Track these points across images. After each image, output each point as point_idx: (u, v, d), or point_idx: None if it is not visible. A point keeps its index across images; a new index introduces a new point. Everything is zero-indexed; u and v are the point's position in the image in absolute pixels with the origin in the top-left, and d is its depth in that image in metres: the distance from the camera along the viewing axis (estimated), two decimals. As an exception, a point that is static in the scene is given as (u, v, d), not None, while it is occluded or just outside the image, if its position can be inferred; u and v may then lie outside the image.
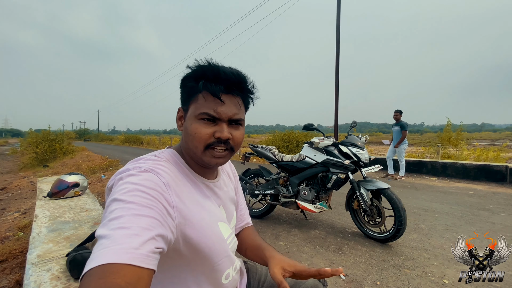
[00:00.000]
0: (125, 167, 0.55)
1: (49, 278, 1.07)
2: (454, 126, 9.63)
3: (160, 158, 0.59)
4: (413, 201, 3.87)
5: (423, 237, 2.54)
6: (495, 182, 5.14)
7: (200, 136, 0.58)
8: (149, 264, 0.41)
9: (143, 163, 0.56)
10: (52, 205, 2.17)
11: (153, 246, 0.43)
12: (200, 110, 0.58)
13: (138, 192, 0.47)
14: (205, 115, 0.58)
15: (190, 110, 0.60)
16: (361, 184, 2.50)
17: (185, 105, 0.63)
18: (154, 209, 0.47)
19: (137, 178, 0.50)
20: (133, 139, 28.02)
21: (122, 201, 0.46)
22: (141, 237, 0.42)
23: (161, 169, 0.55)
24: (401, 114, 5.82)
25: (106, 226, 0.43)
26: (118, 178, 0.52)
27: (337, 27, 7.82)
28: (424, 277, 1.86)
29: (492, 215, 3.20)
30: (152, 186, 0.50)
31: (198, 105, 0.59)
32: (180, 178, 0.59)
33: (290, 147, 9.56)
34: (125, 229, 0.41)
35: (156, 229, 0.45)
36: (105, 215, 0.45)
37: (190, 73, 0.60)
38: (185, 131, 0.61)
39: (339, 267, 0.57)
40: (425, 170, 6.26)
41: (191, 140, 0.59)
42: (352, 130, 3.00)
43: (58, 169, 8.77)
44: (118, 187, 0.49)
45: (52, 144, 12.19)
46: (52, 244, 1.41)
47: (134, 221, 0.43)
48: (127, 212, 0.44)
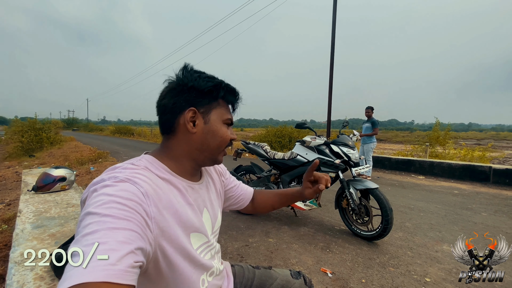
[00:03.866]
0: (100, 178, 0.52)
1: (33, 278, 1.05)
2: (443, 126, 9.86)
3: (137, 166, 0.57)
4: (400, 199, 3.96)
5: (408, 236, 2.62)
6: (478, 182, 5.31)
7: (227, 138, 0.67)
8: (128, 280, 0.39)
9: (119, 172, 0.53)
10: (37, 199, 2.12)
11: (132, 260, 0.41)
12: (227, 116, 0.67)
13: (114, 204, 0.45)
14: (229, 121, 0.68)
15: (214, 114, 0.65)
16: (350, 183, 2.54)
17: (200, 107, 0.63)
18: (132, 221, 0.45)
19: (113, 189, 0.48)
20: (123, 130, 27.53)
21: (96, 214, 0.43)
22: (118, 252, 0.40)
23: (139, 178, 0.53)
24: (372, 110, 5.71)
25: (79, 243, 0.40)
26: (92, 189, 0.50)
27: (332, 24, 7.80)
28: (407, 275, 1.92)
29: (474, 214, 3.31)
30: (130, 196, 0.48)
31: (222, 111, 0.66)
32: (160, 187, 0.56)
33: (283, 143, 9.59)
34: (101, 245, 0.39)
35: (135, 242, 0.43)
36: (78, 231, 0.43)
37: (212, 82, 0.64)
38: (211, 133, 0.64)
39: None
40: (413, 169, 6.40)
41: (220, 142, 0.66)
42: (344, 128, 3.03)
43: (45, 160, 8.56)
44: (92, 200, 0.46)
45: (38, 134, 11.84)
46: (37, 242, 1.37)
47: (110, 235, 0.41)
48: (102, 226, 0.42)
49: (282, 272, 0.92)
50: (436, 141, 8.97)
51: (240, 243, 2.42)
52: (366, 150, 5.68)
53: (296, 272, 0.94)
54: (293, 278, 0.90)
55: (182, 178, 0.64)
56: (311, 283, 0.93)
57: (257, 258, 2.14)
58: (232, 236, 2.55)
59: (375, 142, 5.72)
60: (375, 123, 5.58)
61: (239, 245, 2.37)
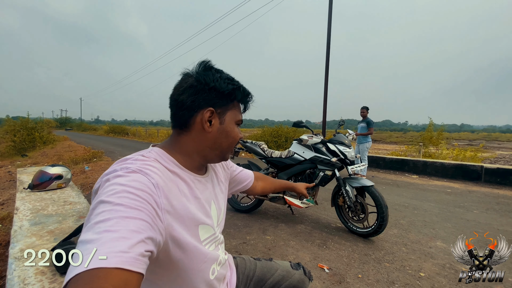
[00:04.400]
0: (112, 168, 0.53)
1: (34, 273, 1.05)
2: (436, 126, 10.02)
3: (148, 158, 0.58)
4: (394, 197, 4.03)
5: (403, 233, 2.67)
6: (471, 181, 5.42)
7: (237, 138, 0.70)
8: (138, 267, 0.39)
9: (131, 164, 0.54)
10: (33, 197, 2.10)
11: (143, 249, 0.41)
12: (239, 117, 0.70)
13: (126, 194, 0.46)
14: (240, 122, 0.71)
15: (229, 115, 0.67)
16: (346, 181, 2.58)
17: (218, 107, 0.65)
18: (143, 211, 0.46)
19: (125, 179, 0.49)
20: (118, 130, 27.21)
21: (109, 203, 0.44)
22: (129, 240, 0.40)
23: (150, 170, 0.54)
24: (367, 110, 5.75)
25: (91, 230, 0.41)
26: (104, 179, 0.51)
27: (328, 25, 7.87)
28: (402, 271, 1.96)
29: (467, 212, 3.39)
30: (141, 187, 0.49)
31: (236, 112, 0.69)
32: (169, 179, 0.58)
33: (279, 142, 9.63)
34: (113, 232, 0.40)
35: (145, 232, 0.44)
36: (90, 218, 0.43)
37: (233, 85, 0.66)
38: (224, 133, 0.67)
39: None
40: (407, 168, 6.50)
41: (232, 141, 0.69)
42: (340, 128, 3.07)
43: (38, 159, 8.43)
44: (104, 189, 0.47)
45: (31, 133, 11.65)
46: (35, 238, 1.37)
47: (122, 224, 0.42)
48: (115, 215, 0.42)
49: (282, 263, 0.94)
50: (429, 141, 9.12)
51: (238, 240, 2.44)
52: (361, 150, 5.74)
53: (296, 263, 0.96)
54: (293, 269, 0.93)
55: (190, 172, 0.65)
56: (309, 274, 0.96)
57: (255, 255, 2.16)
58: (230, 234, 2.56)
59: (371, 142, 5.79)
60: (370, 123, 5.64)
61: (237, 243, 2.39)
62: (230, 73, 0.69)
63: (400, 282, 1.81)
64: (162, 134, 19.40)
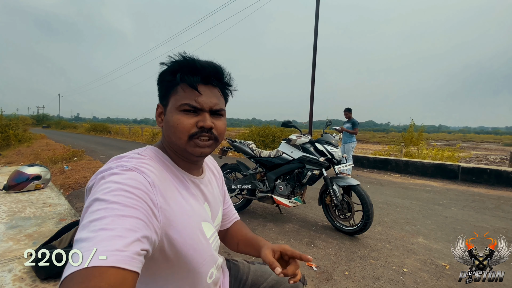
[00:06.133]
0: (107, 166, 0.52)
1: (12, 280, 0.99)
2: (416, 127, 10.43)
3: (143, 156, 0.57)
4: (378, 196, 4.15)
5: (387, 230, 2.76)
6: (448, 179, 5.69)
7: (183, 126, 0.58)
8: (134, 266, 0.39)
9: (127, 162, 0.53)
10: (9, 199, 1.98)
11: (138, 248, 0.41)
12: (181, 101, 0.58)
13: (122, 192, 0.45)
14: (186, 106, 0.58)
15: (170, 103, 0.60)
16: (333, 180, 2.63)
17: (164, 100, 0.62)
18: (139, 210, 0.45)
19: (121, 177, 0.48)
20: (99, 128, 26.26)
21: (104, 201, 0.44)
22: (125, 239, 0.40)
23: (146, 168, 0.53)
24: (350, 112, 5.85)
25: (87, 228, 0.40)
26: (99, 177, 0.50)
27: (315, 25, 7.97)
28: (386, 267, 2.02)
29: (445, 209, 3.55)
30: (137, 185, 0.48)
31: (178, 97, 0.59)
32: (165, 177, 0.57)
33: (266, 142, 9.67)
34: (108, 231, 0.40)
35: (141, 231, 0.43)
36: (85, 216, 0.43)
37: (167, 68, 0.60)
38: (167, 125, 0.60)
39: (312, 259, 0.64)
40: (389, 167, 6.72)
41: (174, 132, 0.58)
42: (327, 128, 3.12)
43: (13, 158, 7.97)
44: (100, 187, 0.47)
45: (5, 130, 10.99)
46: (12, 243, 1.29)
47: (118, 222, 0.41)
48: (110, 213, 0.42)
49: None
50: (410, 141, 9.48)
51: (226, 240, 2.42)
52: (346, 149, 5.87)
53: None
54: None
55: (184, 172, 0.64)
56: (304, 279, 0.96)
57: (244, 255, 2.15)
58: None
59: (355, 142, 5.94)
60: (355, 123, 5.79)
61: (225, 243, 2.37)
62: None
63: (385, 278, 1.87)
64: (146, 133, 18.91)
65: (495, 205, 3.80)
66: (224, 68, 0.62)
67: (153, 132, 17.18)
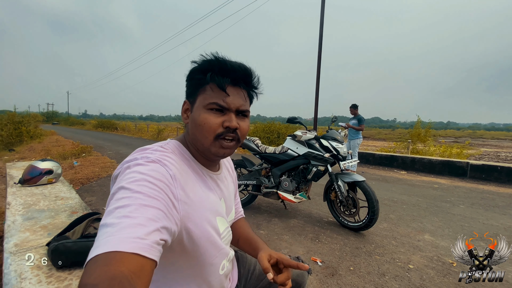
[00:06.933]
0: (132, 156, 0.55)
1: (30, 268, 1.04)
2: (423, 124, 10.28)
3: (166, 150, 0.59)
4: (384, 193, 4.13)
5: (392, 227, 2.75)
6: (456, 176, 5.61)
7: (210, 126, 0.59)
8: (153, 255, 0.41)
9: (151, 154, 0.55)
10: (24, 192, 2.05)
11: (158, 238, 0.43)
12: (209, 100, 0.59)
13: (145, 182, 0.48)
14: (214, 105, 0.59)
15: (197, 101, 0.61)
16: (339, 176, 2.63)
17: (191, 97, 0.63)
18: (161, 201, 0.47)
19: (145, 168, 0.50)
20: (106, 124, 26.66)
21: (129, 189, 0.46)
22: (146, 228, 0.42)
23: (168, 161, 0.55)
24: (356, 108, 5.78)
25: (112, 214, 0.43)
26: (125, 166, 0.53)
27: (320, 23, 7.89)
28: (392, 263, 2.03)
29: (453, 206, 3.52)
30: (159, 177, 0.50)
31: (206, 96, 0.60)
32: (185, 171, 0.59)
33: (271, 138, 9.67)
34: (131, 219, 0.42)
35: (161, 221, 0.45)
36: (111, 202, 0.46)
37: (198, 66, 0.61)
38: (193, 122, 0.61)
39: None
40: (396, 164, 6.66)
41: (201, 130, 0.60)
42: (332, 124, 3.12)
43: (25, 154, 8.19)
44: (125, 176, 0.49)
45: (18, 127, 11.29)
46: (29, 233, 1.35)
47: (140, 211, 0.43)
48: (134, 202, 0.44)
49: None
50: (417, 138, 9.36)
51: (232, 235, 2.46)
52: (352, 146, 5.84)
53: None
54: None
55: (203, 167, 0.66)
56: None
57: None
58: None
59: (361, 138, 5.89)
60: (361, 120, 5.74)
61: (232, 237, 2.41)
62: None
63: (390, 274, 1.88)
64: (152, 129, 19.09)
65: (505, 203, 3.74)
66: (253, 70, 0.63)
67: (158, 129, 17.35)
